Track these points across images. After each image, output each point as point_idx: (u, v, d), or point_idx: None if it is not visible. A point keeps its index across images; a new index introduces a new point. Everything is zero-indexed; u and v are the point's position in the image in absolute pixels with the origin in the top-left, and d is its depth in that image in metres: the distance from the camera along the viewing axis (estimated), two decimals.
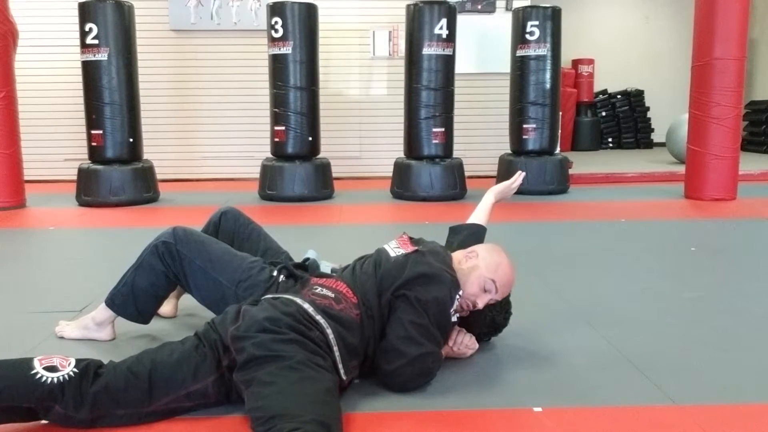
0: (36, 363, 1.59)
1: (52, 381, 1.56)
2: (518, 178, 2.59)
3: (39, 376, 1.56)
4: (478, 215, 2.51)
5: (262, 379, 1.59)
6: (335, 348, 1.75)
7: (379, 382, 1.90)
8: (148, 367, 1.67)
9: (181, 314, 2.57)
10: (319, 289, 1.91)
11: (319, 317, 1.78)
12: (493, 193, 2.56)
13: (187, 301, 2.46)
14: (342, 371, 1.76)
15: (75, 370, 1.60)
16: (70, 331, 2.33)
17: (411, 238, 2.17)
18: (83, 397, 1.58)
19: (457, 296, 1.95)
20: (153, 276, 2.16)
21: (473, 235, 2.40)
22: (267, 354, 1.63)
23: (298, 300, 1.82)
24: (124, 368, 1.66)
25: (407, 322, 1.86)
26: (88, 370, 1.62)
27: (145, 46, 6.30)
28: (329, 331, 1.76)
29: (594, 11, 10.94)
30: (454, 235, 2.42)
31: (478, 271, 2.00)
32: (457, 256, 2.09)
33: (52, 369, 1.58)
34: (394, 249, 2.08)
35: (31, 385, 1.55)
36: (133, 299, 2.20)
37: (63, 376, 1.58)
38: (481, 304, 2.02)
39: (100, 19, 5.43)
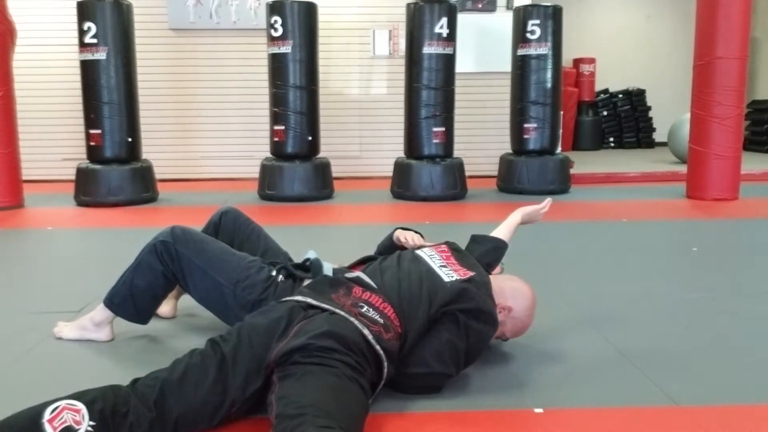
0: (47, 428, 1.36)
1: None
2: (547, 204, 2.50)
3: None
4: (503, 231, 2.44)
5: (300, 372, 1.54)
6: (383, 381, 1.75)
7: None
8: (174, 415, 1.52)
9: (181, 314, 2.56)
10: (366, 308, 1.80)
11: (378, 347, 1.72)
12: (520, 213, 2.47)
13: (187, 301, 2.44)
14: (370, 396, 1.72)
15: (92, 423, 1.40)
16: (69, 332, 2.32)
17: (452, 249, 2.14)
18: None
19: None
20: (151, 275, 2.15)
21: (495, 250, 2.35)
22: (317, 361, 1.58)
23: (356, 323, 1.72)
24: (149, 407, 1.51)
25: (446, 340, 1.85)
26: (105, 418, 1.42)
27: (143, 45, 6.28)
28: (386, 364, 1.73)
29: (595, 10, 10.93)
30: (476, 245, 2.36)
31: (503, 329, 2.04)
32: (496, 290, 2.05)
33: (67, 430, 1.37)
34: (444, 270, 2.00)
35: None
36: (132, 299, 2.19)
37: None
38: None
39: (98, 18, 5.42)
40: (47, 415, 1.38)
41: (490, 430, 1.69)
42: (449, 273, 1.98)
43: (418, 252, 2.11)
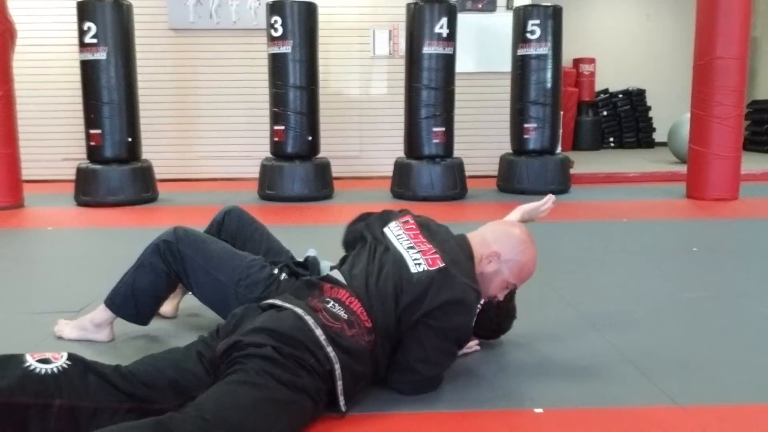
0: (27, 357, 1.51)
1: (47, 372, 1.48)
2: (548, 201, 2.34)
3: (33, 367, 1.48)
4: None
5: (227, 380, 1.52)
6: (339, 382, 1.66)
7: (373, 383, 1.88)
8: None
9: (182, 314, 2.56)
10: (332, 304, 1.77)
11: (329, 349, 1.65)
12: (520, 211, 2.35)
13: (189, 301, 2.44)
14: (342, 402, 1.68)
15: (68, 363, 1.53)
16: (69, 332, 2.32)
17: (419, 225, 2.01)
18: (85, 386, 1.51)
19: (479, 305, 1.93)
20: (153, 275, 2.15)
21: None
22: (250, 366, 1.55)
23: (309, 321, 1.68)
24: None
25: (429, 347, 1.81)
26: (82, 362, 1.55)
27: (143, 45, 6.28)
28: (337, 366, 1.65)
29: (595, 10, 10.93)
30: None
31: (502, 276, 1.95)
32: (477, 253, 1.94)
33: (45, 361, 1.50)
34: (412, 253, 1.88)
35: (28, 378, 1.46)
36: (133, 299, 2.19)
37: (57, 367, 1.50)
38: (501, 297, 2.04)
39: (98, 18, 5.42)
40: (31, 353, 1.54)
41: (490, 430, 1.69)
42: (417, 259, 1.86)
43: (387, 231, 1.99)
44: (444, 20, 5.70)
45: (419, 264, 1.85)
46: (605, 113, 10.76)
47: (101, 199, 5.47)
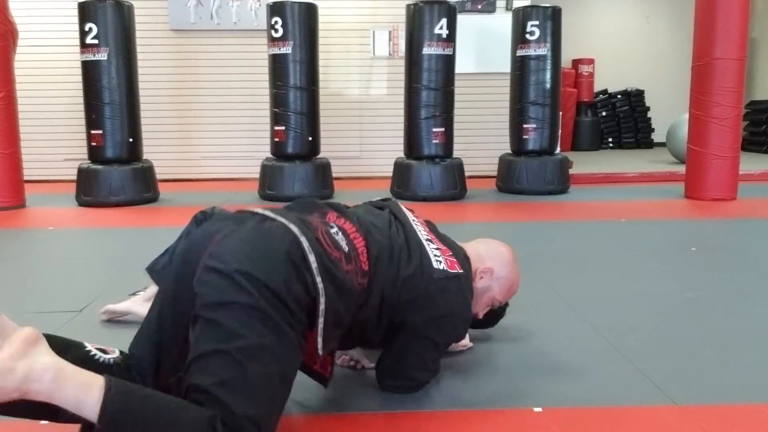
0: (87, 344, 1.48)
1: (104, 361, 1.45)
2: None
3: (94, 354, 1.45)
4: None
5: (212, 323, 1.37)
6: (321, 319, 1.48)
7: (374, 381, 1.90)
8: None
9: None
10: (335, 230, 1.61)
11: (319, 280, 1.46)
12: None
13: None
14: (320, 345, 1.50)
15: (119, 356, 1.50)
16: (119, 306, 2.44)
17: (426, 222, 1.98)
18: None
19: None
20: None
21: None
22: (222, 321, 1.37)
23: (305, 243, 1.47)
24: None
25: (428, 358, 1.85)
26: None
27: (144, 46, 6.30)
28: (323, 300, 1.46)
29: (594, 11, 10.94)
30: None
31: (491, 293, 1.99)
32: (474, 263, 1.95)
33: (103, 351, 1.47)
34: (431, 247, 1.81)
35: (89, 362, 1.40)
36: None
37: (113, 359, 1.47)
38: (480, 316, 2.05)
39: (99, 18, 5.43)
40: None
41: (489, 430, 1.70)
42: (437, 256, 1.80)
43: (405, 212, 1.93)
44: (444, 21, 5.72)
45: (440, 261, 1.80)
46: (604, 114, 10.77)
47: (102, 199, 5.48)
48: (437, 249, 1.84)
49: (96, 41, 5.44)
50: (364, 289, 1.62)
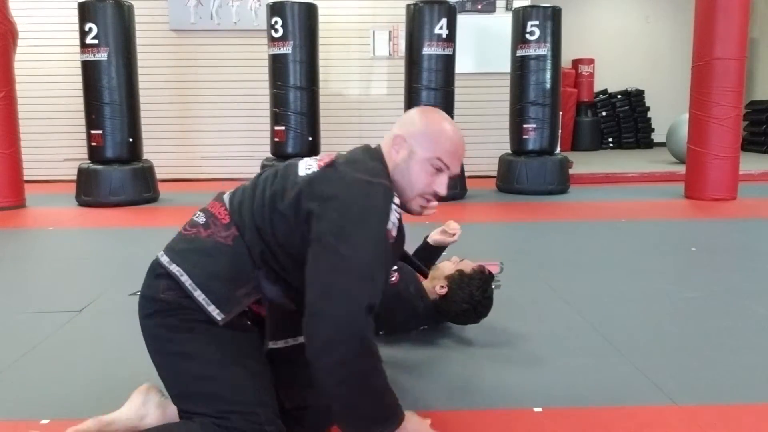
0: None
1: None
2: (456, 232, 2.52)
3: None
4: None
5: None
6: (197, 292, 1.48)
7: None
8: None
9: None
10: (197, 215, 1.65)
11: (173, 267, 1.51)
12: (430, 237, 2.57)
13: None
14: (215, 311, 1.47)
15: None
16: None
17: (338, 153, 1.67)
18: None
19: (394, 207, 1.48)
20: None
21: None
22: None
23: (159, 258, 1.57)
24: None
25: (324, 271, 1.35)
26: None
27: (144, 46, 6.30)
28: (184, 278, 1.48)
29: (594, 11, 10.94)
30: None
31: (417, 157, 1.55)
32: (386, 152, 1.61)
33: None
34: (307, 165, 1.59)
35: None
36: None
37: None
38: (443, 190, 1.57)
39: (99, 18, 5.44)
40: None
41: (489, 430, 1.70)
42: (310, 165, 1.59)
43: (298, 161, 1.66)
44: (444, 21, 5.72)
45: (309, 168, 1.56)
46: (604, 114, 10.77)
47: (102, 199, 5.48)
48: (312, 160, 1.61)
49: (96, 41, 5.44)
50: (235, 237, 1.53)
